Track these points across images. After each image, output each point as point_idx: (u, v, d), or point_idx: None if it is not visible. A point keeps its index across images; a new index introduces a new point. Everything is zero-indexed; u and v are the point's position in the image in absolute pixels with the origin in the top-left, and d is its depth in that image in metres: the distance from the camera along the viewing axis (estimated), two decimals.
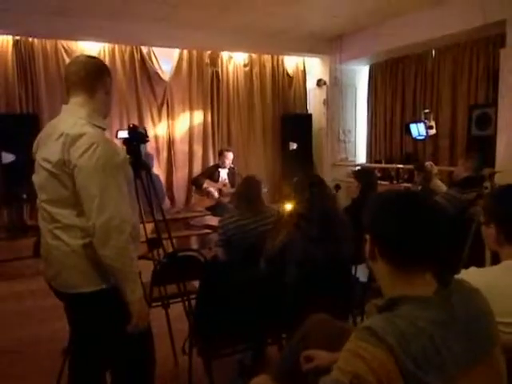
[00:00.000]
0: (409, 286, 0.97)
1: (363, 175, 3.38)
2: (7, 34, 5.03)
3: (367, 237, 1.05)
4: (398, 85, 6.36)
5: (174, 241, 5.18)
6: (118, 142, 2.10)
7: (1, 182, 4.75)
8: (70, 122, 1.56)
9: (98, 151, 1.49)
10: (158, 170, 6.23)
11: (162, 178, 6.26)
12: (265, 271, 2.17)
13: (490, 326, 0.99)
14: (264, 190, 2.98)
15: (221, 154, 5.50)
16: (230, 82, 6.63)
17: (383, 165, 6.41)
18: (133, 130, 2.13)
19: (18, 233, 4.81)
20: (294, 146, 6.75)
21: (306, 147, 6.85)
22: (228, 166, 5.43)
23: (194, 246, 5.58)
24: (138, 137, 2.13)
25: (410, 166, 4.99)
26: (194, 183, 5.55)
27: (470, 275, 1.23)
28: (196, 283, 2.54)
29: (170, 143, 6.31)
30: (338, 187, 4.40)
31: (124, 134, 2.13)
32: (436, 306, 0.93)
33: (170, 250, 2.39)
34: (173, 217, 5.76)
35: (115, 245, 1.48)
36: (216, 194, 5.27)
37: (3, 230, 5.00)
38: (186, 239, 5.58)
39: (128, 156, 1.86)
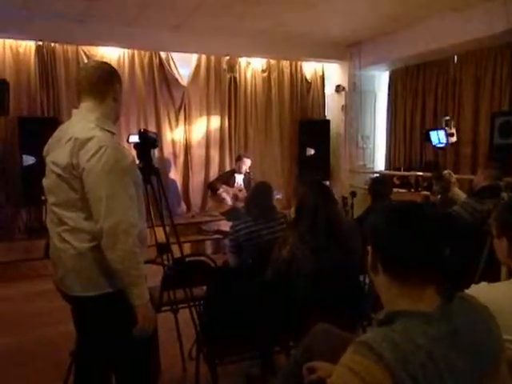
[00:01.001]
0: (409, 299, 0.96)
1: (374, 185, 3.36)
2: (30, 39, 5.20)
3: (369, 248, 1.04)
4: (418, 91, 6.29)
5: (189, 245, 5.24)
6: (129, 147, 2.12)
7: (21, 183, 4.92)
8: (79, 126, 1.58)
9: (106, 154, 1.51)
10: (175, 174, 6.29)
11: (179, 182, 6.32)
12: (270, 279, 2.16)
13: (495, 342, 0.96)
14: (277, 196, 3.03)
15: (239, 160, 5.58)
16: (248, 87, 6.68)
17: (402, 172, 6.33)
18: (143, 135, 2.14)
19: (36, 233, 4.92)
20: (311, 151, 6.78)
21: (324, 153, 6.87)
22: (244, 172, 5.48)
23: (209, 250, 5.59)
24: (148, 141, 2.14)
25: (430, 174, 4.90)
26: (210, 188, 5.62)
27: (480, 290, 1.21)
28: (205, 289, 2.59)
29: (187, 148, 6.38)
30: (353, 194, 4.46)
31: (135, 138, 2.16)
32: (437, 322, 0.90)
33: (179, 255, 2.39)
34: (188, 221, 5.82)
35: (122, 248, 1.49)
36: (229, 201, 5.31)
37: (22, 230, 5.14)
38: (200, 244, 5.61)
39: (137, 160, 1.91)
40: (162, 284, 2.39)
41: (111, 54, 5.67)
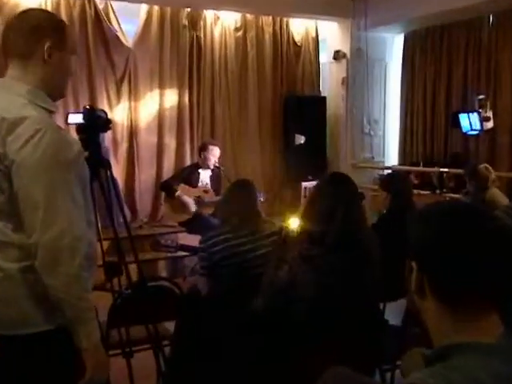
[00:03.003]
0: (468, 330, 0.98)
1: (392, 182, 3.46)
2: None
3: (413, 265, 1.06)
4: (442, 61, 6.44)
5: (137, 266, 5.35)
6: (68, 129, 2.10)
7: None
8: (5, 103, 1.55)
9: (44, 142, 1.49)
10: (116, 169, 5.73)
11: (120, 180, 6.23)
12: (263, 310, 2.19)
13: None
14: (260, 198, 3.04)
15: (203, 149, 5.46)
16: (216, 51, 6.68)
17: (421, 168, 6.46)
18: (90, 113, 2.13)
19: None
20: (301, 139, 6.82)
21: (318, 142, 6.93)
22: (212, 166, 5.43)
23: (163, 274, 5.59)
24: (97, 122, 2.13)
25: (459, 171, 5.07)
26: (164, 188, 5.55)
27: None
28: (170, 325, 2.56)
29: (132, 133, 6.33)
30: (361, 196, 4.50)
31: (77, 118, 2.16)
32: (501, 356, 0.93)
33: (136, 278, 2.44)
34: (134, 233, 5.60)
35: (65, 271, 1.49)
36: (193, 205, 5.27)
37: None
38: (151, 264, 5.52)
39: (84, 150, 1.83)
40: (109, 318, 2.37)
41: (30, 1, 5.49)
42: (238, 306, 2.28)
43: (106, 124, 2.18)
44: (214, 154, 5.37)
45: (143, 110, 6.40)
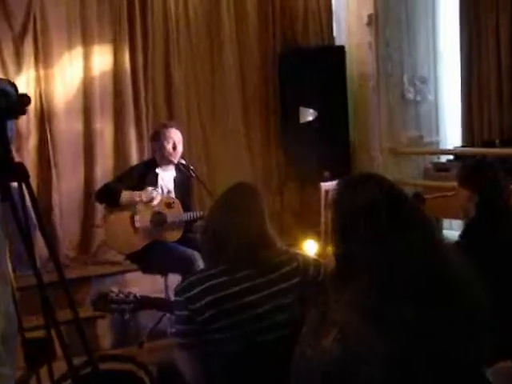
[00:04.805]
0: None
1: (478, 174, 3.47)
2: None
3: None
4: None
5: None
6: None
7: None
8: None
9: None
10: None
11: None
12: None
13: None
14: None
15: (155, 138, 5.40)
16: None
17: (500, 149, 6.31)
18: None
19: None
20: (309, 115, 6.70)
21: (335, 117, 6.81)
22: (175, 161, 5.31)
23: (105, 340, 5.64)
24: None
25: None
26: (104, 196, 5.35)
27: None
28: None
29: (44, 118, 6.20)
30: (419, 199, 4.51)
31: None
32: None
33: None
34: (51, 279, 5.72)
35: None
36: (148, 224, 5.15)
37: None
38: (86, 324, 5.43)
39: None
40: None
41: None
42: None
43: (21, 104, 2.27)
44: (171, 137, 5.28)
45: (59, 80, 6.22)
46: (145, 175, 5.30)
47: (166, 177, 5.36)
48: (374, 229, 2.10)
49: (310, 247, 5.71)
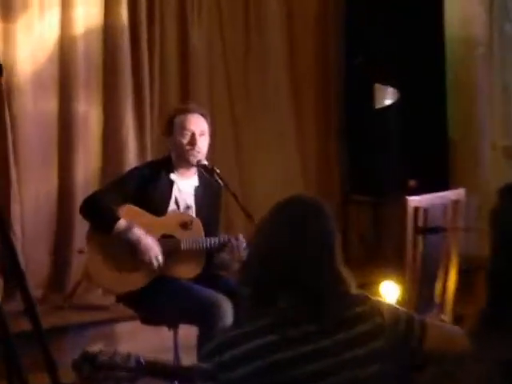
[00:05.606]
0: None
1: None
2: None
3: None
4: None
5: None
6: None
7: None
8: None
9: None
10: None
11: None
12: None
13: None
14: None
15: (170, 127, 4.76)
16: None
17: None
18: None
19: None
20: (387, 96, 6.20)
21: (427, 101, 6.13)
22: (196, 161, 4.61)
23: None
24: None
25: None
26: (88, 215, 4.72)
27: None
28: None
29: (2, 94, 5.56)
30: None
31: None
32: None
33: None
34: (17, 329, 5.34)
35: None
36: (156, 257, 4.50)
37: None
38: None
39: None
40: None
41: None
42: None
43: None
44: (192, 125, 4.69)
45: (24, 39, 5.58)
46: (153, 183, 4.60)
47: (185, 186, 4.67)
48: None
49: (388, 291, 5.16)
